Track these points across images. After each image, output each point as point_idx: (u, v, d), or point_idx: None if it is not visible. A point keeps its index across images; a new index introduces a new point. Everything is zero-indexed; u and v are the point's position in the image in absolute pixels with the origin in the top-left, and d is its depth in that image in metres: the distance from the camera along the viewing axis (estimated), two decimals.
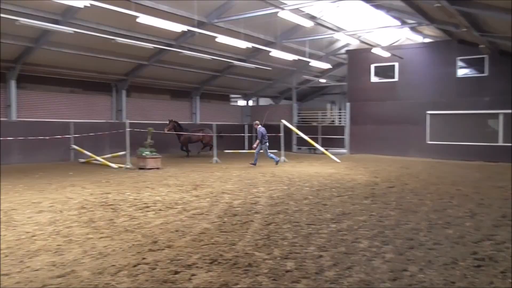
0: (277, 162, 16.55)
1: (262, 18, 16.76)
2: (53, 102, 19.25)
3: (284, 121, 19.24)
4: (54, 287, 4.04)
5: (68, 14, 14.73)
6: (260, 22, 17.71)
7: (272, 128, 18.99)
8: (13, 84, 17.32)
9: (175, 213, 7.51)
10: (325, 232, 6.24)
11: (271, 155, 16.74)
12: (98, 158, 16.66)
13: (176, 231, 6.24)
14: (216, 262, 4.80)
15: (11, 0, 13.19)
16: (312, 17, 17.31)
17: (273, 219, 7.05)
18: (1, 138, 15.06)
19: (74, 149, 17.73)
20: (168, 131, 19.39)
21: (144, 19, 13.41)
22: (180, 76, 23.23)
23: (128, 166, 15.12)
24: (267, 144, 16.70)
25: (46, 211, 7.55)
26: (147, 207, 8.02)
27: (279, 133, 18.77)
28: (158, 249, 5.31)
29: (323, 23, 19.24)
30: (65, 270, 4.51)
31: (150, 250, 5.28)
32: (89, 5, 11.51)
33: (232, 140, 23.78)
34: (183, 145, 20.78)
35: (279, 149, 18.91)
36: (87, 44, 17.10)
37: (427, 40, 21.81)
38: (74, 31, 14.24)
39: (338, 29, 20.02)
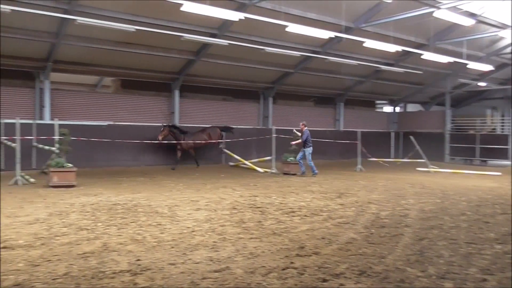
0: (314, 171, 14.78)
1: (414, 19, 15.84)
2: (208, 109, 21.00)
3: (412, 138, 18.26)
4: (212, 280, 4.33)
5: (224, 28, 15.93)
6: (411, 24, 16.76)
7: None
8: (176, 93, 19.43)
9: (321, 220, 7.49)
10: (488, 253, 5.54)
11: (312, 163, 14.94)
12: (246, 162, 17.64)
13: (322, 238, 6.21)
14: (365, 274, 4.62)
15: (175, 18, 14.76)
16: (472, 15, 15.76)
17: (425, 234, 6.53)
18: (166, 142, 16.92)
19: (225, 153, 19.04)
20: (162, 139, 16.79)
21: (292, 28, 13.79)
22: (325, 82, 23.27)
23: (273, 171, 15.67)
24: (311, 149, 15.17)
25: (203, 209, 8.21)
26: (293, 212, 8.16)
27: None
28: (306, 255, 5.33)
29: (484, 20, 17.36)
30: (221, 266, 4.81)
31: (297, 255, 5.34)
32: (243, 18, 12.29)
33: (377, 148, 22.91)
34: (183, 152, 17.56)
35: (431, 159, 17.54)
36: (239, 55, 18.27)
37: None
38: (228, 43, 15.37)
39: (503, 26, 17.83)
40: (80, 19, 12.20)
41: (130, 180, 13.11)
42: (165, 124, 17.27)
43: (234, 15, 12.85)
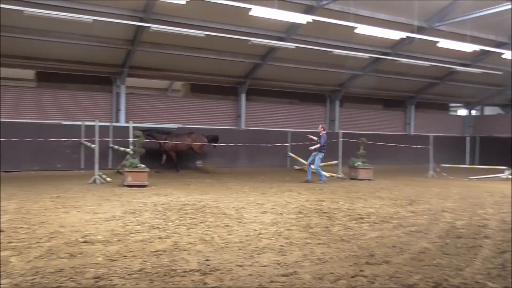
0: (322, 179, 13.81)
1: (494, 16, 14.83)
2: (274, 113, 21.09)
3: None
4: (279, 284, 4.31)
5: (291, 31, 15.93)
6: (490, 21, 15.72)
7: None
8: (243, 97, 19.72)
9: (391, 227, 7.21)
10: None
11: (320, 169, 14.02)
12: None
13: (393, 246, 5.96)
14: (441, 287, 4.37)
15: (242, 22, 14.98)
16: None
17: (508, 247, 6.06)
18: (226, 144, 17.25)
19: (291, 156, 18.99)
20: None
21: (362, 29, 13.48)
22: (394, 85, 22.50)
23: (339, 176, 15.38)
24: (323, 154, 14.15)
25: (269, 213, 8.22)
26: (361, 218, 7.93)
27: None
28: (376, 263, 5.14)
29: None
30: (288, 270, 4.77)
31: (367, 262, 5.16)
32: (311, 20, 12.21)
33: (450, 154, 21.72)
34: (167, 154, 16.17)
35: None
36: (305, 58, 18.18)
37: None
38: (296, 46, 15.34)
39: None
40: (154, 27, 12.78)
41: (198, 181, 13.47)
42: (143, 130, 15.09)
43: (302, 18, 12.81)
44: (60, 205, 8.25)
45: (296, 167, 18.75)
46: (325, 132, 14.21)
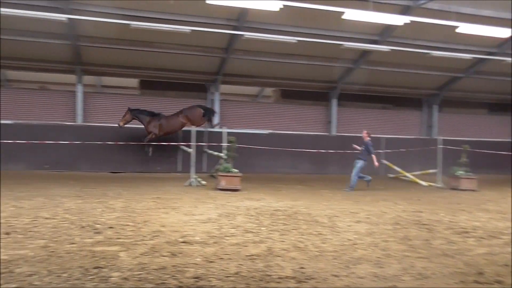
0: (351, 187, 12.94)
1: None
2: (366, 118, 20.46)
3: None
4: None
5: (386, 33, 15.36)
6: None
7: None
8: (334, 102, 19.42)
9: (501, 244, 6.55)
10: None
11: (356, 178, 13.01)
12: (407, 174, 16.61)
13: (505, 265, 5.40)
14: None
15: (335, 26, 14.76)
16: None
17: None
18: (318, 150, 17.05)
19: (384, 164, 18.25)
20: (124, 125, 15.05)
21: (464, 28, 12.58)
22: (501, 87, 20.61)
23: (439, 185, 14.43)
24: (365, 163, 13.07)
25: (363, 222, 7.94)
26: (466, 232, 7.32)
27: None
28: (486, 282, 4.69)
29: None
30: (387, 283, 4.53)
31: (475, 281, 4.73)
32: (409, 21, 11.67)
33: None
34: (150, 138, 15.28)
35: None
36: (401, 60, 17.41)
37: None
38: (390, 49, 14.75)
39: None
40: (247, 34, 13.10)
41: (289, 187, 13.48)
42: (129, 108, 15.46)
43: (398, 19, 12.28)
44: (161, 206, 8.74)
45: (390, 175, 17.97)
46: (369, 138, 13.34)
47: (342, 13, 11.91)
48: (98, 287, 4.04)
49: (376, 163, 13.00)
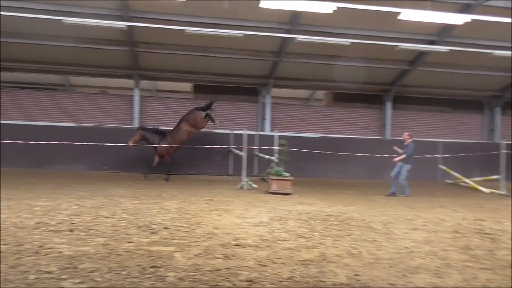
0: (404, 193, 12.43)
1: None
2: (423, 121, 19.73)
3: None
4: None
5: (444, 33, 14.77)
6: None
7: None
8: (388, 105, 18.90)
9: None
10: None
11: (406, 183, 12.46)
12: (466, 180, 15.83)
13: None
14: None
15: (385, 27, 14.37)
16: None
17: None
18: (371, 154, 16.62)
19: (442, 169, 17.51)
20: (134, 143, 14.25)
21: None
22: None
23: (502, 192, 13.63)
24: (411, 166, 12.51)
25: (420, 230, 7.63)
26: None
27: None
28: None
29: None
30: None
31: None
32: (469, 20, 11.14)
33: None
34: (161, 156, 14.70)
35: None
36: (460, 61, 16.67)
37: None
38: (449, 49, 14.15)
39: None
40: (299, 37, 13.05)
41: (341, 192, 13.25)
42: (138, 127, 15.07)
43: (458, 18, 11.75)
44: (213, 208, 8.87)
45: (448, 181, 17.20)
46: (411, 140, 12.67)
47: (398, 13, 11.56)
48: (155, 286, 4.15)
49: (396, 159, 12.55)
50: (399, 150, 12.84)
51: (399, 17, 11.78)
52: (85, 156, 15.75)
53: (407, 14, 11.46)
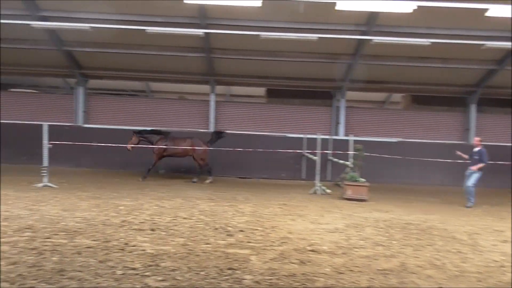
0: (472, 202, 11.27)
1: None
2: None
3: None
4: None
5: None
6: None
7: None
8: (473, 108, 17.71)
9: None
10: None
11: (473, 190, 11.32)
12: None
13: None
14: None
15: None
16: None
17: None
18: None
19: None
20: (131, 148, 14.01)
21: None
22: None
23: None
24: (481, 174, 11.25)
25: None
26: None
27: None
28: None
29: None
30: None
31: None
32: None
33: None
34: (159, 157, 14.36)
35: None
36: None
37: None
38: None
39: None
40: (376, 39, 12.66)
41: (420, 199, 12.62)
42: (134, 131, 14.60)
43: None
44: (287, 212, 8.85)
45: None
46: (482, 146, 11.58)
47: (485, 10, 10.79)
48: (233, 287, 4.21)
49: (474, 168, 11.30)
50: (464, 155, 11.92)
51: (487, 14, 10.99)
52: (163, 159, 16.35)
53: (496, 10, 10.65)
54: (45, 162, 11.36)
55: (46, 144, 11.46)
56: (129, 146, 14.07)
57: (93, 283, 4.11)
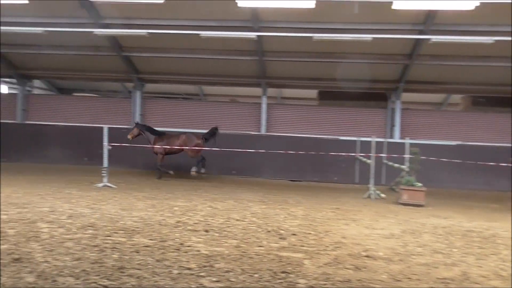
0: None
1: None
2: None
3: None
4: None
5: None
6: None
7: None
8: None
9: None
10: None
11: None
12: None
13: None
14: None
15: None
16: None
17: None
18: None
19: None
20: (132, 138, 14.60)
21: None
22: None
23: None
24: None
25: None
26: None
27: None
28: None
29: None
30: None
31: None
32: None
33: None
34: (159, 157, 14.64)
35: None
36: None
37: None
38: None
39: None
40: (435, 38, 12.19)
41: (482, 206, 11.97)
42: (136, 122, 15.55)
43: None
44: (340, 217, 8.68)
45: None
46: None
47: None
48: None
49: None
50: None
51: None
52: (216, 161, 16.58)
53: None
54: (105, 163, 11.88)
55: (106, 145, 11.98)
56: (129, 136, 14.71)
57: (151, 281, 4.23)
